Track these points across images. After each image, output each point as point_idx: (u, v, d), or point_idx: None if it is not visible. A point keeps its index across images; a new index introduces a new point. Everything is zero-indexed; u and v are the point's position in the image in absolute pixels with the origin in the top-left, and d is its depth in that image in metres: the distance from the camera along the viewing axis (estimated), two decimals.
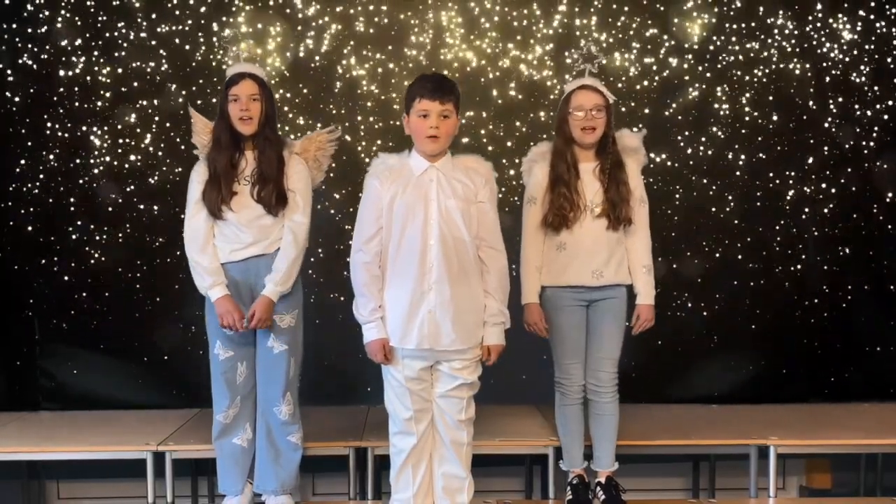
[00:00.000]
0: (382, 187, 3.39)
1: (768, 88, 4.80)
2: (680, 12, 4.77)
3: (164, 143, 4.69)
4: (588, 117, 3.59)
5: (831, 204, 4.83)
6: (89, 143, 4.70)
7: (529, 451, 4.13)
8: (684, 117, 4.79)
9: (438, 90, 3.34)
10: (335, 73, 4.72)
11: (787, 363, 4.83)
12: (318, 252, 4.65)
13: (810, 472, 4.70)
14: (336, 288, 4.59)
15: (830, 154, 4.82)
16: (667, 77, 4.77)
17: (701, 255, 4.81)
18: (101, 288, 4.72)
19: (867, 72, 4.80)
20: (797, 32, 4.78)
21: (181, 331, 4.65)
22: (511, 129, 4.76)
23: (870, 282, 4.85)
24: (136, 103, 4.69)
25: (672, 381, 4.81)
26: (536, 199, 3.67)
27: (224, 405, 3.68)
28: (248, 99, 3.57)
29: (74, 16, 4.65)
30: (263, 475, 3.73)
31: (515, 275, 3.68)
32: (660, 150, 4.74)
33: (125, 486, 4.46)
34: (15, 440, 4.11)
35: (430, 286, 3.34)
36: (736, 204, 4.82)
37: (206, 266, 3.59)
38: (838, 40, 4.79)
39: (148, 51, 4.67)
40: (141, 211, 4.71)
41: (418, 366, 3.41)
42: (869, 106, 4.82)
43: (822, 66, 4.79)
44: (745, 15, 4.77)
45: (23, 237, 4.71)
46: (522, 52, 4.76)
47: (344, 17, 4.72)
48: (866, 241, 4.85)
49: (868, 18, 4.80)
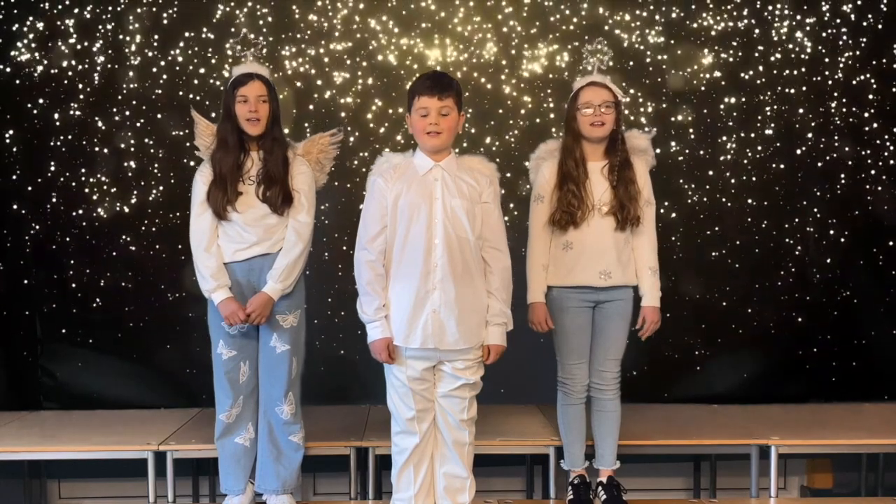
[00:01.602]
0: (387, 186, 3.39)
1: (768, 89, 4.81)
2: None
3: (169, 143, 4.70)
4: (597, 113, 3.58)
5: (833, 203, 4.83)
6: (91, 143, 4.71)
7: (531, 450, 4.13)
8: (688, 115, 4.80)
9: (436, 87, 3.33)
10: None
11: (788, 363, 4.84)
12: (321, 251, 4.65)
13: (811, 471, 4.70)
14: (339, 287, 4.59)
15: (832, 153, 4.83)
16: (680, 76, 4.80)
17: (702, 255, 4.81)
18: (102, 287, 4.72)
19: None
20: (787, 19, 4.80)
21: (183, 330, 4.64)
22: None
23: (871, 281, 4.86)
24: (134, 100, 4.70)
25: (673, 381, 4.81)
26: (544, 198, 3.65)
27: (227, 405, 3.68)
28: (256, 100, 3.57)
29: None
30: (265, 475, 3.73)
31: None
32: (663, 149, 4.75)
33: (126, 486, 4.46)
34: (16, 440, 4.11)
35: (434, 285, 3.34)
36: (737, 203, 4.82)
37: (211, 267, 3.59)
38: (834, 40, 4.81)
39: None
40: (143, 209, 4.71)
41: (421, 365, 3.41)
42: (871, 108, 4.83)
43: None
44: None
45: (24, 236, 4.71)
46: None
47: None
48: (868, 241, 4.85)
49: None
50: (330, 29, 4.73)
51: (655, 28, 4.77)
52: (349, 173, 4.69)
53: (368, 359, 3.48)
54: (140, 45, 4.67)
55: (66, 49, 4.66)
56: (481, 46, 4.76)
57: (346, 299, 4.31)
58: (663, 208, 4.63)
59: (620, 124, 3.65)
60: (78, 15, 4.66)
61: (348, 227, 4.50)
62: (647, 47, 4.76)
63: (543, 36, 4.77)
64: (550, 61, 4.77)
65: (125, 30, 4.66)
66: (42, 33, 4.66)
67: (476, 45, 4.76)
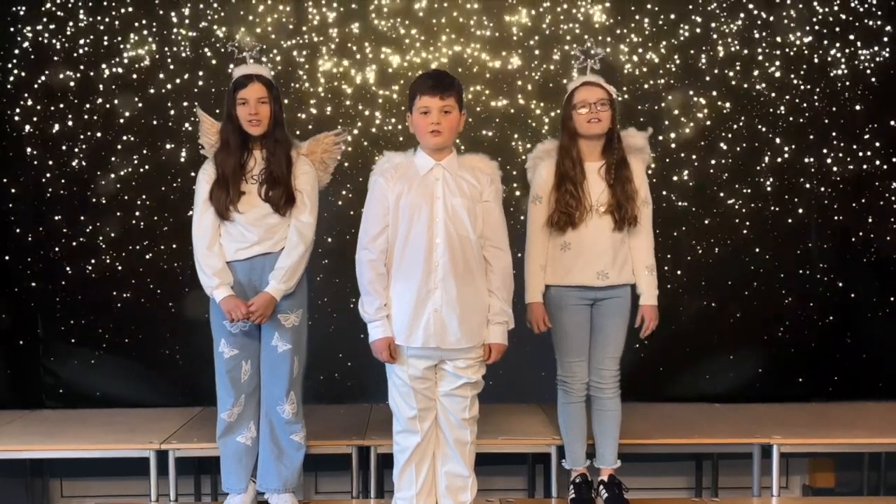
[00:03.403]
0: (388, 185, 3.39)
1: (769, 87, 4.81)
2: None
3: (176, 138, 4.71)
4: (592, 111, 3.57)
5: (835, 203, 4.83)
6: (96, 137, 4.71)
7: (532, 449, 4.13)
8: (688, 112, 4.80)
9: (438, 85, 3.33)
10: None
11: (790, 362, 4.83)
12: (323, 250, 4.65)
13: (813, 471, 4.70)
14: (340, 286, 4.59)
15: (832, 153, 4.82)
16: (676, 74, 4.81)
17: (703, 253, 4.81)
18: (104, 286, 4.73)
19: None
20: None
21: (185, 329, 4.65)
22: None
23: (873, 279, 4.85)
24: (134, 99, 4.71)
25: (675, 380, 4.81)
26: (542, 198, 3.65)
27: (229, 404, 3.68)
28: (256, 102, 3.57)
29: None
30: (266, 474, 3.73)
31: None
32: (663, 148, 4.75)
33: (128, 485, 4.46)
34: (19, 438, 4.11)
35: (436, 284, 3.34)
36: (738, 202, 4.81)
37: (213, 266, 3.59)
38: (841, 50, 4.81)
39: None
40: (145, 209, 4.72)
41: (423, 364, 3.41)
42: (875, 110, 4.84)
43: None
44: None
45: (26, 235, 4.71)
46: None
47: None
48: (870, 239, 4.85)
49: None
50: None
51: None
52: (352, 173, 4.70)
53: (370, 358, 3.48)
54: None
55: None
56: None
57: (348, 299, 4.32)
58: (664, 207, 4.62)
59: (616, 123, 3.65)
60: None
61: (351, 227, 4.50)
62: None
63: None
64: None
65: None
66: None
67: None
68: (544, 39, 4.79)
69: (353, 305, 3.49)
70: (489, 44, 4.79)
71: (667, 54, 4.79)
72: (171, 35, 4.71)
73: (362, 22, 4.75)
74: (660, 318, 3.72)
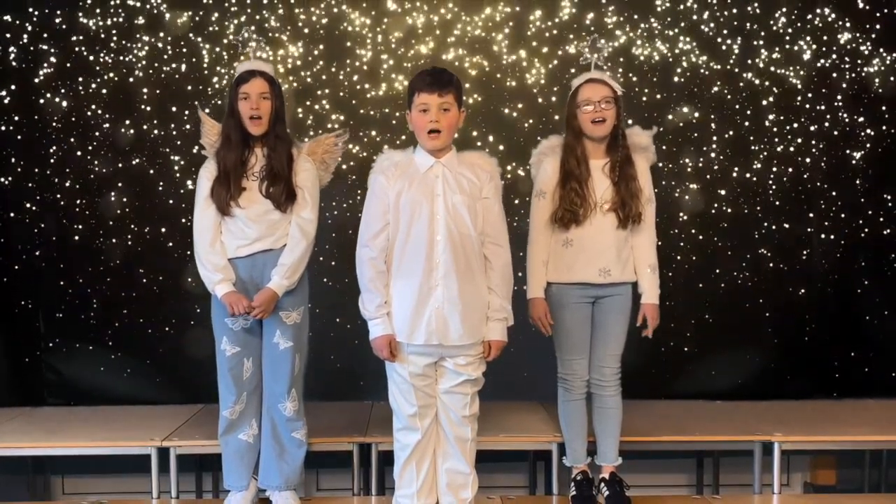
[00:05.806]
0: (388, 183, 3.39)
1: (770, 86, 4.81)
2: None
3: (176, 142, 4.71)
4: (597, 110, 3.57)
5: (838, 201, 4.82)
6: (97, 139, 4.71)
7: (533, 447, 4.14)
8: (691, 112, 4.80)
9: (436, 83, 3.32)
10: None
11: (791, 359, 4.83)
12: (324, 248, 4.65)
13: (815, 468, 4.70)
14: (341, 284, 4.59)
15: (833, 152, 4.81)
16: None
17: (704, 251, 4.81)
18: (106, 283, 4.73)
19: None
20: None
21: (187, 326, 4.65)
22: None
23: (875, 277, 4.85)
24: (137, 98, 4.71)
25: (676, 378, 4.81)
26: (546, 194, 3.64)
27: (230, 401, 3.68)
28: (258, 97, 3.57)
29: None
30: (268, 471, 3.73)
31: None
32: (665, 147, 4.74)
33: (130, 482, 4.46)
34: (20, 435, 4.12)
35: (437, 282, 3.33)
36: (739, 200, 4.81)
37: (215, 262, 3.59)
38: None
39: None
40: (146, 207, 4.72)
41: (424, 362, 3.41)
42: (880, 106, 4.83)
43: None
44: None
45: (27, 231, 4.71)
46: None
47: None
48: (872, 237, 4.84)
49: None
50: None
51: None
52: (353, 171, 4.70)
53: (371, 355, 3.48)
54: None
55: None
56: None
57: (349, 296, 4.31)
58: (665, 206, 4.61)
59: (621, 119, 3.64)
60: None
61: (351, 225, 4.50)
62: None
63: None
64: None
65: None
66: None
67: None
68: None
69: (354, 303, 3.48)
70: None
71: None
72: (171, 35, 4.71)
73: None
74: (661, 316, 3.71)
